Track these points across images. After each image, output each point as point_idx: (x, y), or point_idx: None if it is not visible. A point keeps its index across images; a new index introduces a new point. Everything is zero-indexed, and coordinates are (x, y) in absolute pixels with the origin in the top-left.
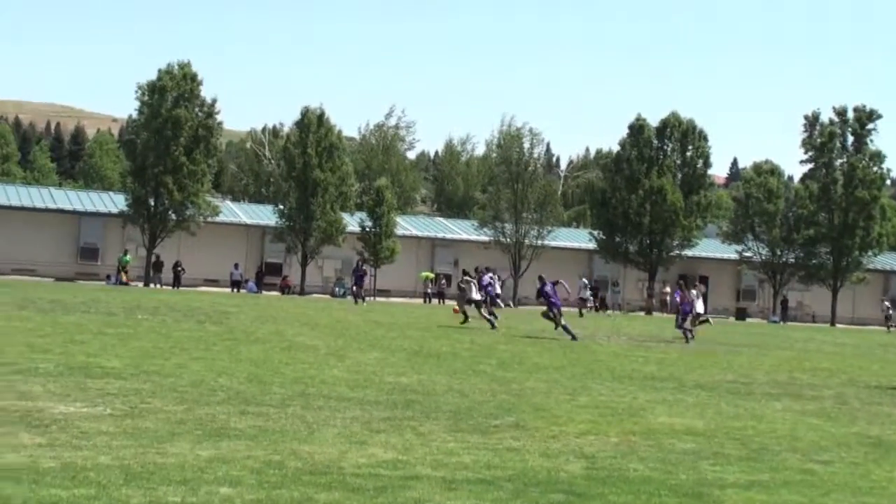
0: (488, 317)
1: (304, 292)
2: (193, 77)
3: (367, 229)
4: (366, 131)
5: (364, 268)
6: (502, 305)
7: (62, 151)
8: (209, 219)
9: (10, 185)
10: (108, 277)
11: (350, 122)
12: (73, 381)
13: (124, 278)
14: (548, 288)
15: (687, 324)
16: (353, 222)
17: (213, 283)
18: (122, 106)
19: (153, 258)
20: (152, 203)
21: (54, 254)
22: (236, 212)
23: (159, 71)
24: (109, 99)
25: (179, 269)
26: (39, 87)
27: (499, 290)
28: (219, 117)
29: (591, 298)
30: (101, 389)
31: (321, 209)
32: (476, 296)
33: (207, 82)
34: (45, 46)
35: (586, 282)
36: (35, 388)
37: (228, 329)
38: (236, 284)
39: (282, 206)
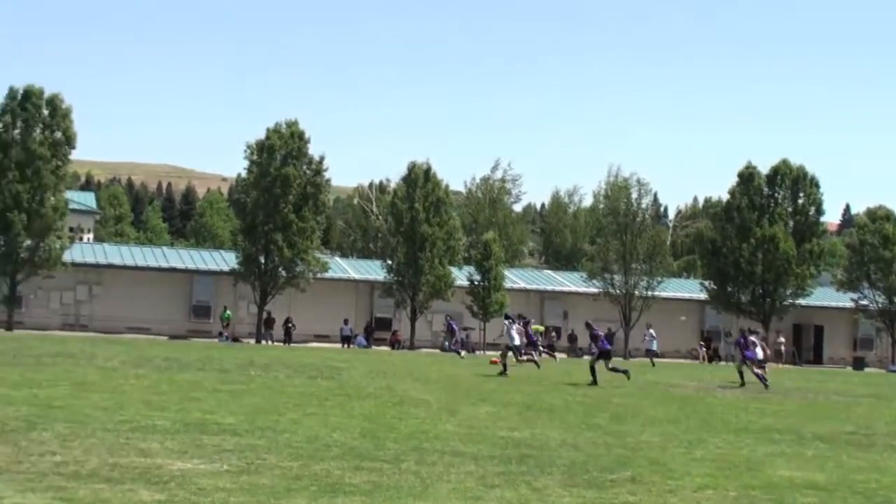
0: (534, 358)
1: (413, 347)
2: (301, 135)
3: (476, 283)
4: (472, 185)
5: (452, 323)
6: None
7: (174, 211)
8: (318, 275)
9: (124, 245)
10: (220, 335)
11: (456, 176)
12: (189, 438)
13: (226, 334)
14: (598, 332)
15: (757, 370)
16: (461, 276)
17: (324, 338)
18: (231, 165)
19: (264, 315)
20: (263, 260)
21: (167, 312)
22: (345, 268)
23: (267, 130)
24: (219, 159)
25: (290, 325)
26: (151, 148)
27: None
28: (326, 174)
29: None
30: (218, 446)
31: (429, 263)
32: (516, 341)
33: (315, 139)
34: (157, 109)
35: (654, 333)
36: (153, 445)
37: (340, 384)
38: (346, 340)
39: (390, 261)
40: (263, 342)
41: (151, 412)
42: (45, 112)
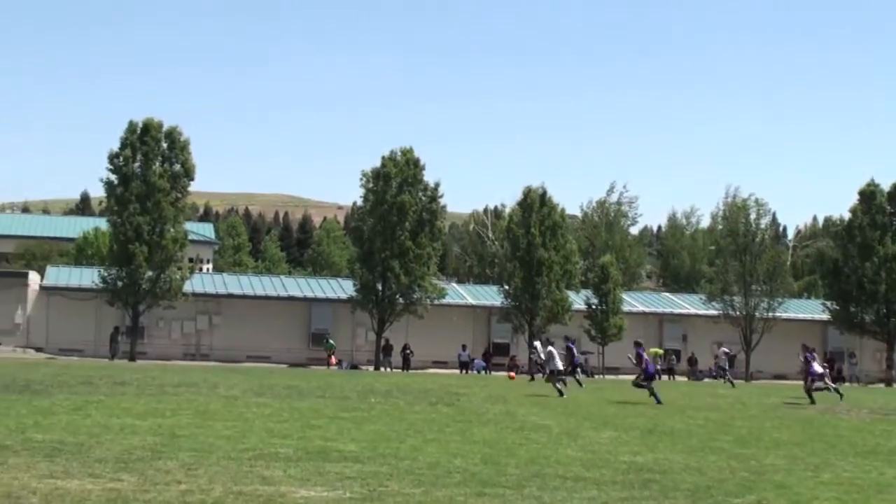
0: (559, 387)
1: (532, 372)
2: (416, 162)
3: (594, 307)
4: (588, 208)
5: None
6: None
7: (291, 240)
8: (436, 301)
9: (243, 274)
10: (340, 362)
11: (572, 199)
12: (312, 466)
13: (333, 362)
14: (643, 353)
15: (819, 383)
16: (578, 300)
17: (442, 364)
18: (347, 194)
19: (382, 342)
20: (380, 287)
21: (287, 340)
22: (462, 293)
23: (383, 158)
24: (334, 187)
25: (408, 351)
26: (268, 178)
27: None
28: (442, 201)
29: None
30: (340, 473)
31: (546, 288)
32: (559, 365)
33: (429, 166)
34: (274, 140)
35: (726, 350)
36: (276, 472)
37: (460, 410)
38: (464, 366)
39: (507, 286)
40: (382, 369)
41: (274, 440)
42: (164, 145)
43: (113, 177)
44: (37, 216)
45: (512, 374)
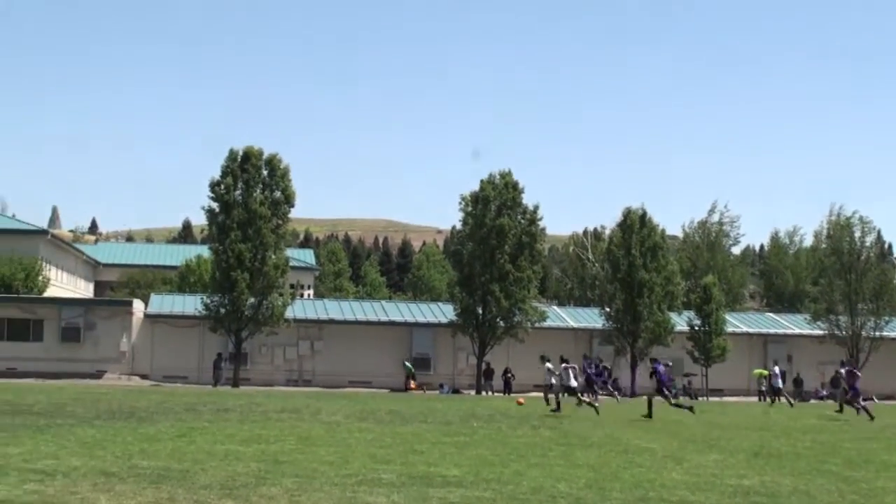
0: (592, 402)
1: (634, 394)
2: (515, 185)
3: (696, 328)
4: (689, 228)
5: (601, 367)
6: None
7: (391, 265)
8: (536, 324)
9: (344, 300)
10: (441, 386)
11: (672, 220)
12: (415, 491)
13: (412, 386)
14: (660, 368)
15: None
16: (680, 322)
17: (543, 388)
18: (446, 218)
19: (483, 366)
20: (480, 311)
21: (388, 365)
22: (563, 316)
23: (482, 181)
24: (433, 212)
25: (509, 375)
26: (368, 204)
27: (574, 383)
28: (541, 223)
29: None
30: (443, 498)
31: (648, 309)
32: (573, 383)
33: (529, 189)
34: (372, 165)
35: (778, 370)
36: (380, 499)
37: (563, 434)
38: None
39: (608, 309)
40: (483, 393)
41: (377, 465)
42: (265, 172)
43: (214, 205)
44: (140, 245)
45: (520, 399)
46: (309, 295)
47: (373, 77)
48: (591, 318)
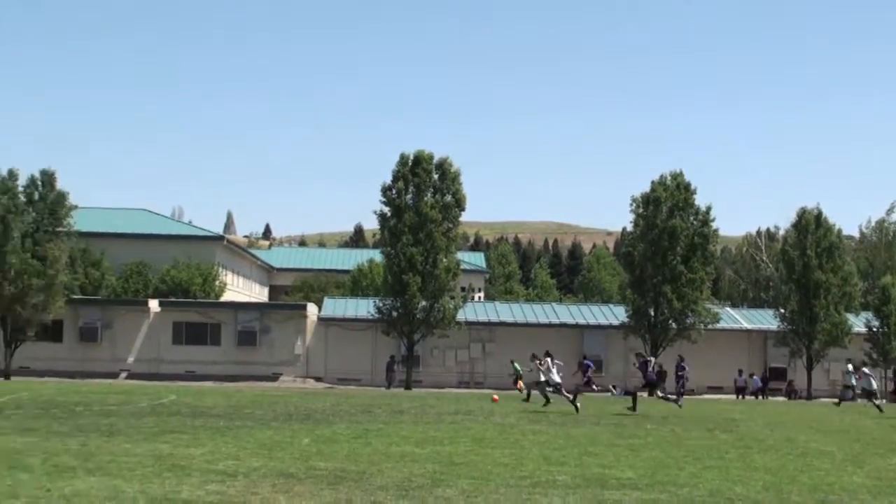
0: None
1: (811, 397)
2: (687, 186)
3: (874, 329)
4: (866, 228)
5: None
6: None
7: (561, 267)
8: (709, 326)
9: (515, 302)
10: (614, 388)
11: (849, 220)
12: (590, 493)
13: (519, 386)
14: (649, 368)
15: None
16: (858, 323)
17: (717, 389)
18: (616, 219)
19: (656, 368)
20: (652, 313)
21: (560, 367)
22: (736, 317)
23: (653, 183)
24: (603, 214)
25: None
26: (537, 206)
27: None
28: (714, 224)
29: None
30: (619, 501)
31: (824, 311)
32: (557, 378)
33: (701, 190)
34: (542, 168)
35: (850, 367)
36: (555, 500)
37: (739, 436)
38: (741, 391)
39: (782, 310)
40: (655, 395)
41: (551, 467)
42: (435, 176)
43: (386, 209)
44: (313, 249)
45: (495, 396)
46: (480, 298)
47: (545, 82)
48: (764, 320)
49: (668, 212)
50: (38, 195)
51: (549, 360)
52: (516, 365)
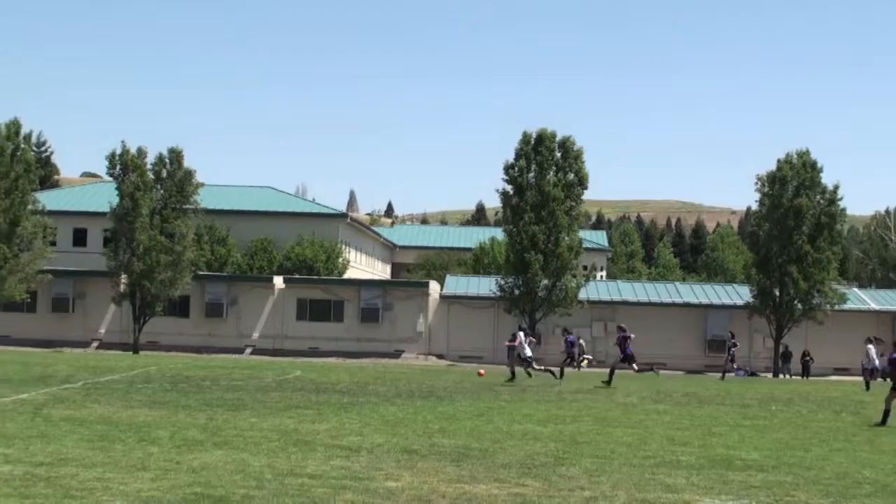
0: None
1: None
2: (813, 165)
3: None
4: None
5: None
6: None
7: (684, 246)
8: (836, 307)
9: (637, 281)
10: (738, 370)
11: None
12: (715, 474)
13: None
14: (626, 338)
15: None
16: None
17: (843, 371)
18: (740, 198)
19: (781, 348)
20: (777, 293)
21: (682, 347)
22: (864, 298)
23: (778, 161)
24: (727, 192)
25: (808, 358)
26: (661, 185)
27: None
28: (841, 203)
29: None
30: (744, 482)
31: None
32: (528, 353)
33: (827, 169)
34: (666, 147)
35: (872, 349)
36: (679, 480)
37: (867, 419)
38: (869, 373)
39: None
40: (781, 376)
41: (675, 447)
42: (558, 154)
43: (508, 187)
44: (435, 227)
45: (481, 370)
46: (602, 276)
47: (671, 64)
48: (893, 301)
49: (794, 190)
50: (165, 173)
51: (521, 334)
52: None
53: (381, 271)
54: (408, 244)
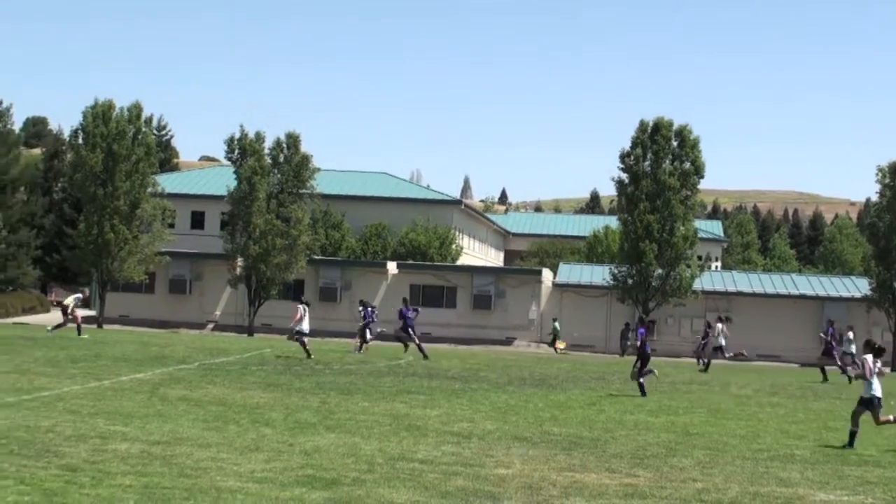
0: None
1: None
2: None
3: None
4: None
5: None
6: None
7: (800, 237)
8: None
9: (753, 272)
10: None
11: None
12: (830, 469)
13: (558, 346)
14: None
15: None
16: None
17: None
18: (859, 189)
19: None
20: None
21: (798, 339)
22: None
23: None
24: (846, 183)
25: None
26: (778, 175)
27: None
28: None
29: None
30: (860, 477)
31: None
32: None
33: None
34: (783, 137)
35: (851, 336)
36: (793, 474)
37: None
38: None
39: None
40: None
41: (789, 441)
42: (675, 143)
43: (624, 175)
44: (549, 215)
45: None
46: (717, 267)
47: (792, 52)
48: None
49: None
50: (283, 157)
51: (368, 309)
52: (556, 325)
53: (494, 258)
54: (521, 231)
